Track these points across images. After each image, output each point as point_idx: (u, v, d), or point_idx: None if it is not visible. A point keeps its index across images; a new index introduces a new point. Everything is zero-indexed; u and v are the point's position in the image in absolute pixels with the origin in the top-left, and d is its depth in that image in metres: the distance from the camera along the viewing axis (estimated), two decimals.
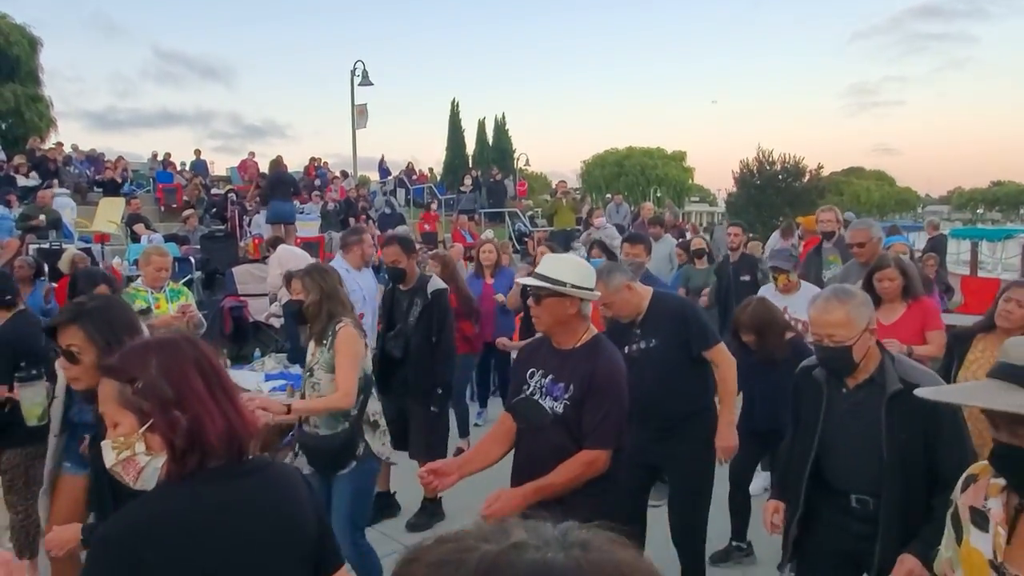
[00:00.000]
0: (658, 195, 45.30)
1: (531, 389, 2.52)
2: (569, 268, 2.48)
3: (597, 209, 13.50)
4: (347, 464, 3.10)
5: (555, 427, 2.44)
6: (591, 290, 2.49)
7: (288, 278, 3.25)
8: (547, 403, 2.46)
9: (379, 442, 3.24)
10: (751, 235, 9.68)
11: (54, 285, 7.38)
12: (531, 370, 2.55)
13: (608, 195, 26.32)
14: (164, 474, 1.35)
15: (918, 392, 1.59)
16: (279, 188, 11.40)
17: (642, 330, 3.24)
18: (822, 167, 33.44)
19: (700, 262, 7.68)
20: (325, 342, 3.14)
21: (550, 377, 2.48)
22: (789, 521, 2.49)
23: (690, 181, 55.91)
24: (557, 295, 2.41)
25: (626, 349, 3.26)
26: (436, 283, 4.49)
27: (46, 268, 8.23)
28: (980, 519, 1.43)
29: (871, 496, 2.30)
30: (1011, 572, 1.34)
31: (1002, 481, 1.41)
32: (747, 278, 6.31)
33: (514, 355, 4.69)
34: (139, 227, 11.33)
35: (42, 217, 10.36)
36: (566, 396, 2.42)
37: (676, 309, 3.27)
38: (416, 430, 4.35)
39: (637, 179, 50.14)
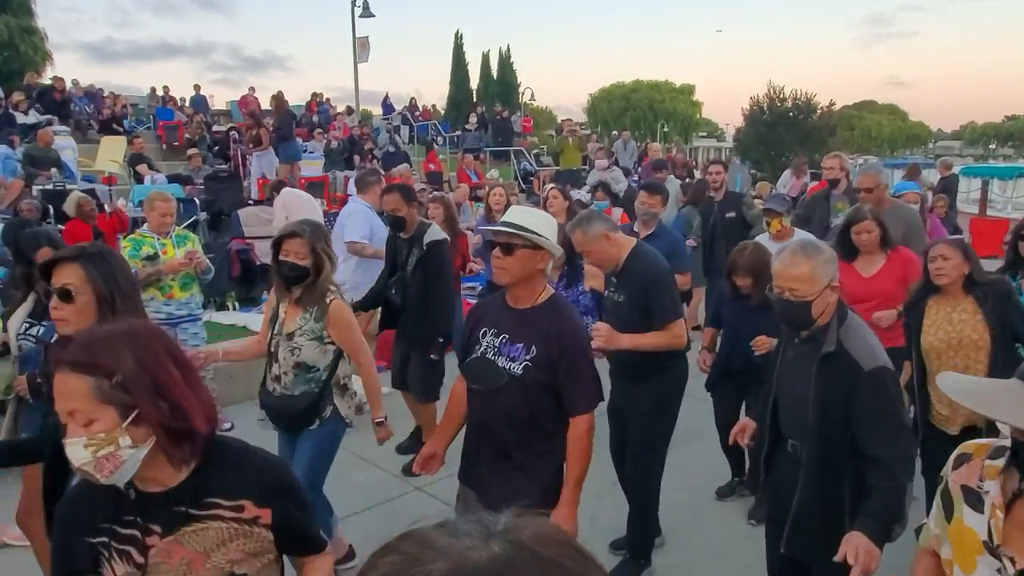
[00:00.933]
0: (665, 130, 44.50)
1: (483, 348, 2.42)
2: (542, 221, 2.39)
3: (600, 150, 13.29)
4: (311, 423, 3.08)
5: (510, 389, 2.35)
6: (554, 246, 2.40)
7: (285, 236, 3.05)
8: (501, 363, 2.37)
9: (346, 405, 3.20)
10: (758, 174, 9.60)
11: (61, 228, 7.40)
12: (483, 329, 2.45)
13: (615, 131, 25.79)
14: (169, 465, 1.39)
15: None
16: (290, 127, 11.25)
17: (617, 281, 3.30)
18: (834, 104, 32.65)
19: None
20: (311, 311, 3.05)
21: (504, 337, 2.38)
22: (756, 456, 2.57)
23: (698, 116, 54.86)
24: (532, 247, 2.31)
25: (605, 294, 3.46)
26: (434, 233, 4.44)
27: (51, 210, 8.24)
28: (974, 499, 1.42)
29: (799, 443, 2.38)
30: (1007, 554, 1.34)
31: (999, 463, 1.40)
32: (732, 215, 6.29)
33: None
34: (142, 167, 11.23)
35: (53, 170, 10.27)
36: (527, 357, 2.33)
37: (644, 274, 3.20)
38: (414, 374, 4.47)
39: (644, 114, 49.18)
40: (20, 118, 13.84)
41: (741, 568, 3.33)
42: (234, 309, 7.49)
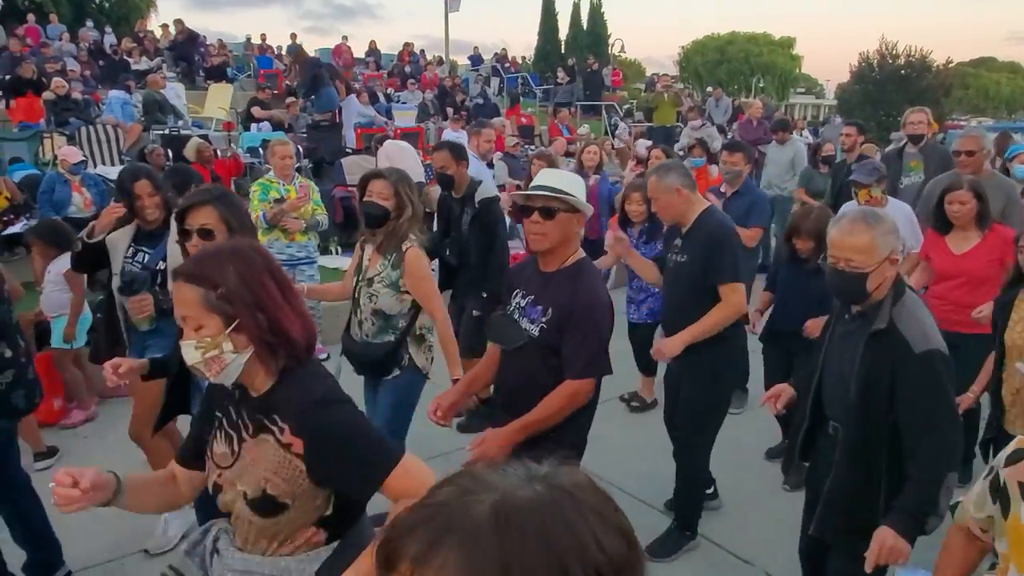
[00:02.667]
0: (761, 85, 42.49)
1: (511, 309, 2.46)
2: (575, 182, 2.35)
3: (692, 109, 12.84)
4: (390, 372, 3.12)
5: (529, 350, 2.37)
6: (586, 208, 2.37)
7: (369, 177, 3.09)
8: (524, 324, 2.38)
9: (423, 357, 3.20)
10: (866, 135, 9.02)
11: None
12: (516, 290, 2.48)
13: (709, 88, 24.81)
14: (263, 373, 1.52)
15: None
16: (321, 77, 11.38)
17: (683, 243, 3.20)
18: (951, 61, 30.31)
19: (824, 167, 7.41)
20: (389, 258, 3.07)
21: (530, 299, 2.39)
22: (796, 432, 2.48)
23: (797, 71, 52.02)
24: (571, 210, 2.29)
25: (668, 256, 3.34)
26: (485, 191, 4.37)
27: (170, 154, 8.68)
28: None
29: (840, 425, 2.27)
30: None
31: None
32: None
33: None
34: (256, 109, 11.62)
35: (171, 116, 10.79)
36: (543, 319, 2.33)
37: (714, 233, 3.09)
38: (463, 331, 4.30)
39: (740, 67, 47.00)
40: (132, 64, 14.58)
41: (783, 528, 3.18)
42: (337, 253, 7.77)
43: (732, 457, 3.89)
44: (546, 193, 2.27)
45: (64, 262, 4.08)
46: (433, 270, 3.56)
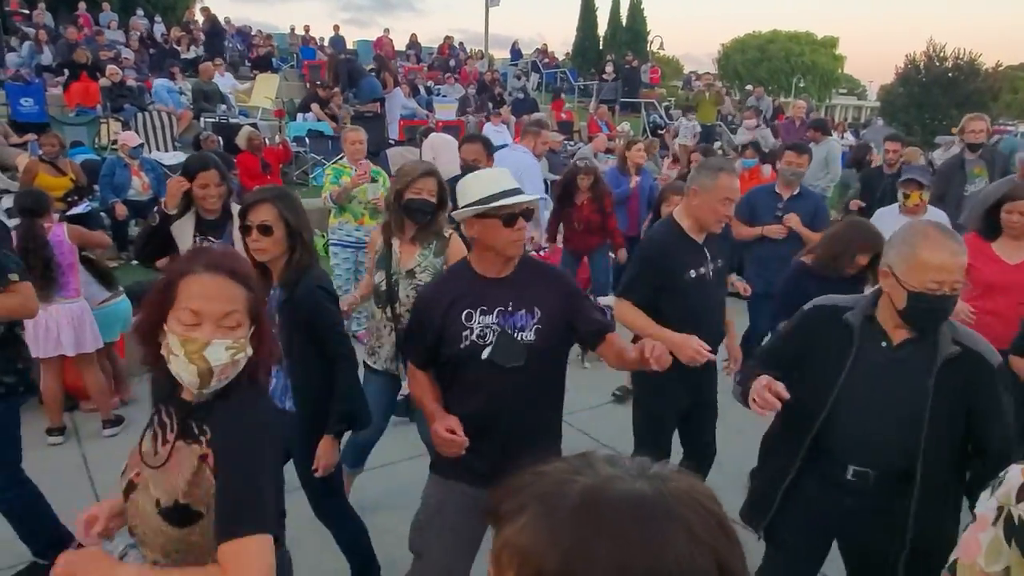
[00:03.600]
0: (801, 85, 41.87)
1: (476, 330, 2.15)
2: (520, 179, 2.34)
3: (750, 110, 12.72)
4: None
5: (532, 363, 2.17)
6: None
7: (422, 174, 3.13)
8: (520, 338, 2.17)
9: None
10: (909, 139, 8.91)
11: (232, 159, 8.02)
12: (464, 311, 2.16)
13: (749, 86, 24.54)
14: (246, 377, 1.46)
15: None
16: (358, 68, 11.51)
17: (708, 250, 2.99)
18: (1000, 65, 29.55)
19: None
20: (429, 248, 3.12)
21: (498, 309, 2.16)
22: (771, 488, 2.18)
23: (839, 71, 51.09)
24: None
25: (692, 273, 2.92)
26: None
27: (221, 141, 8.94)
28: None
29: (872, 469, 2.02)
30: None
31: None
32: None
33: None
34: (315, 107, 11.81)
35: (222, 106, 11.08)
36: (534, 322, 2.17)
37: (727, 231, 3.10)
38: None
39: (781, 66, 46.30)
40: (181, 54, 14.95)
41: None
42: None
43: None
44: (530, 197, 2.17)
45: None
46: None
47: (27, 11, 15.27)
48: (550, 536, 0.64)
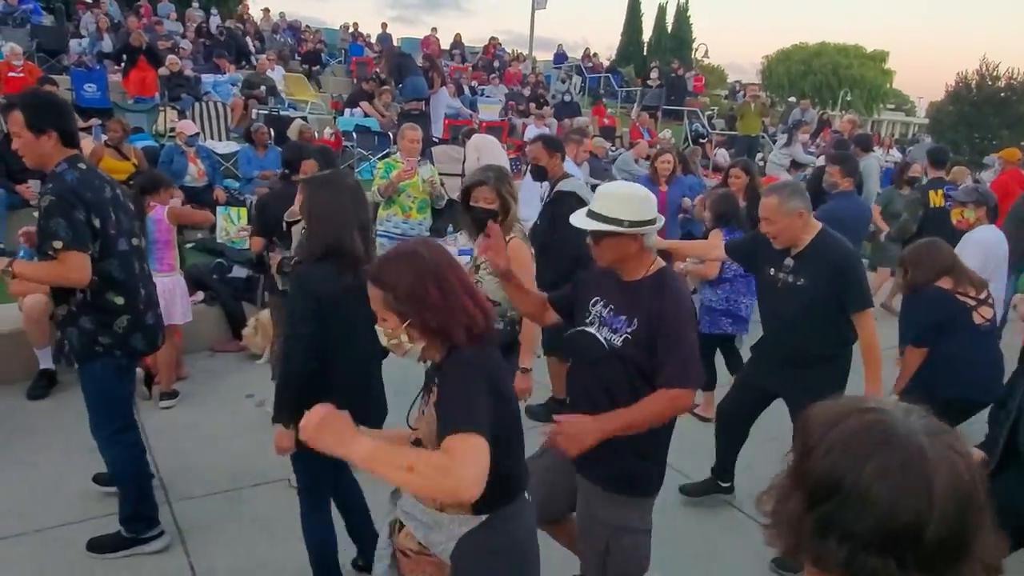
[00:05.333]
0: (848, 99, 41.19)
1: (591, 318, 2.39)
2: (626, 203, 2.31)
3: (806, 125, 12.60)
4: (507, 358, 3.17)
5: (610, 361, 2.30)
6: (651, 222, 2.31)
7: (473, 185, 3.30)
8: (603, 334, 2.33)
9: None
10: (956, 158, 8.80)
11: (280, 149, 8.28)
12: (594, 299, 2.41)
13: (792, 98, 24.27)
14: (436, 350, 1.78)
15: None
16: (407, 65, 11.63)
17: (796, 263, 3.20)
18: None
19: (907, 189, 7.25)
20: None
21: (611, 308, 2.36)
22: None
23: (888, 86, 50.13)
24: (616, 235, 2.28)
25: (770, 271, 3.30)
26: (566, 184, 4.44)
27: (272, 133, 9.21)
28: None
29: None
30: None
31: None
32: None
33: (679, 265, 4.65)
34: (364, 104, 11.99)
35: (262, 88, 11.37)
36: (628, 330, 2.29)
37: (840, 259, 3.12)
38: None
39: (827, 79, 45.60)
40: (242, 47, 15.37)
41: None
42: None
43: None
44: (588, 224, 2.31)
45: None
46: None
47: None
48: (853, 460, 0.82)
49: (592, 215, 2.31)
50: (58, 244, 2.63)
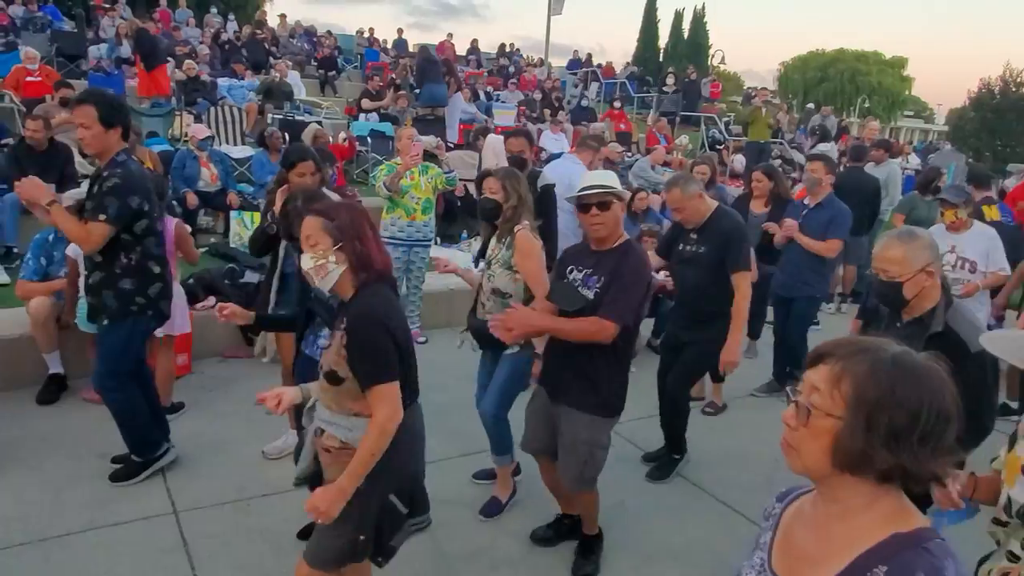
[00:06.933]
0: (866, 105, 40.79)
1: (569, 280, 2.93)
2: (610, 179, 2.95)
3: (845, 134, 12.38)
4: (507, 347, 3.31)
5: (585, 310, 2.82)
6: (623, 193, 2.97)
7: (483, 176, 3.51)
8: (583, 292, 2.86)
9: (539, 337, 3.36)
10: (979, 165, 8.61)
11: None
12: (570, 267, 2.97)
13: (810, 104, 24.02)
14: (349, 284, 2.15)
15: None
16: (430, 71, 11.58)
17: (699, 236, 3.88)
18: None
19: (930, 195, 7.10)
20: (504, 241, 3.40)
21: (585, 271, 2.90)
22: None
23: (907, 92, 49.58)
24: (619, 199, 2.88)
25: (680, 247, 3.97)
26: (545, 178, 4.88)
27: (287, 137, 9.19)
28: None
29: None
30: None
31: None
32: None
33: None
34: (365, 102, 12.06)
35: (287, 103, 11.37)
36: (597, 285, 2.83)
37: (728, 228, 3.79)
38: None
39: (844, 86, 45.14)
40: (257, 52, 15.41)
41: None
42: (436, 245, 8.04)
43: None
44: (604, 189, 2.85)
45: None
46: None
47: (109, 4, 15.94)
48: (879, 376, 1.04)
49: (599, 187, 2.86)
50: (102, 217, 3.14)
